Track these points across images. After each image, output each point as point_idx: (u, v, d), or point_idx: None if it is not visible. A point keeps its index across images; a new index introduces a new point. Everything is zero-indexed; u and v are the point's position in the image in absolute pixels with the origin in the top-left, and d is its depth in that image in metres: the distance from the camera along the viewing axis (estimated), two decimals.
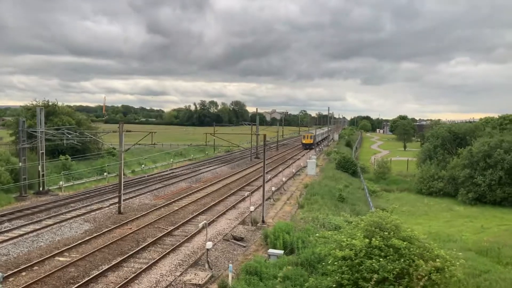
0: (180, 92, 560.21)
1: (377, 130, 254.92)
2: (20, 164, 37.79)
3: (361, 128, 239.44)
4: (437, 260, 14.77)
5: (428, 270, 14.23)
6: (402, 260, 14.65)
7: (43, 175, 39.03)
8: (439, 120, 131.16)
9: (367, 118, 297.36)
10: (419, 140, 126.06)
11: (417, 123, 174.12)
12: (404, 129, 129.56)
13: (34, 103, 55.90)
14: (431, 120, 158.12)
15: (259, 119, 78.98)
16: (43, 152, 39.14)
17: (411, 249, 15.04)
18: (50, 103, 57.20)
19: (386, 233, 15.52)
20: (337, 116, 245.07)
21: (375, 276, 14.04)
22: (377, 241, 15.08)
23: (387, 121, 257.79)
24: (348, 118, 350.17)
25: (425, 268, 14.25)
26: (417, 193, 51.92)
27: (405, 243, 15.10)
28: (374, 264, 14.45)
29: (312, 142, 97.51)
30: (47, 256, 21.67)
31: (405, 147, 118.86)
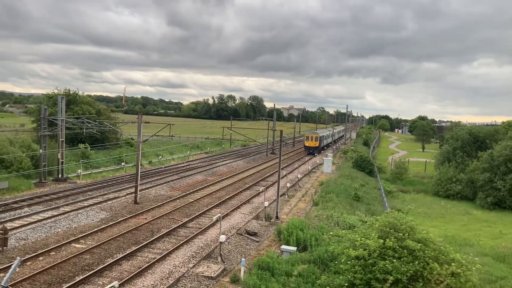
0: (198, 85, 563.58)
1: (396, 130, 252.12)
2: (41, 151, 38.50)
3: (379, 127, 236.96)
4: (453, 264, 14.59)
5: (445, 273, 14.06)
6: (417, 262, 14.51)
7: (62, 162, 39.70)
8: (459, 122, 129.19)
9: (386, 117, 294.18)
10: (438, 141, 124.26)
11: (437, 125, 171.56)
12: (423, 130, 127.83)
13: (56, 91, 56.80)
14: (451, 121, 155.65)
15: (276, 115, 78.88)
16: (63, 140, 39.78)
17: (426, 251, 14.88)
18: (71, 92, 58.03)
19: (401, 234, 15.38)
20: (355, 115, 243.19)
21: (390, 278, 13.94)
22: (391, 242, 14.96)
23: (406, 121, 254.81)
24: (367, 116, 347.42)
25: (440, 271, 14.09)
26: (433, 195, 51.28)
27: (419, 245, 14.94)
28: (387, 265, 14.35)
29: (317, 145, 75.23)
30: (63, 242, 22.09)
31: (423, 148, 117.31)
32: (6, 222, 24.92)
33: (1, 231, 20.60)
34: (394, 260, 14.50)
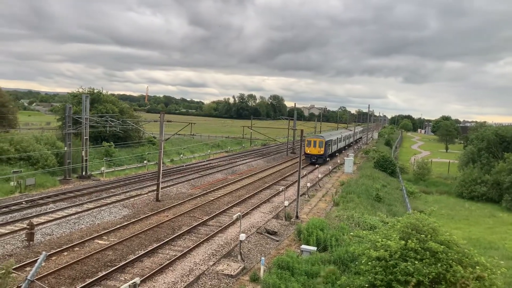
0: (219, 84, 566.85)
1: (419, 130, 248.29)
2: (66, 148, 39.35)
3: (401, 127, 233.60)
4: (477, 267, 14.31)
5: (469, 277, 13.81)
6: (439, 264, 14.28)
7: (86, 160, 40.49)
8: (484, 122, 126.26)
9: (409, 117, 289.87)
10: (462, 142, 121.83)
11: (461, 125, 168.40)
12: (446, 130, 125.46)
13: (80, 90, 57.91)
14: (476, 122, 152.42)
15: (297, 114, 78.56)
16: (87, 138, 40.55)
17: (449, 253, 14.63)
18: (95, 91, 59.09)
19: (423, 235, 15.16)
20: (377, 114, 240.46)
21: (412, 279, 13.77)
22: (413, 244, 14.77)
23: (429, 121, 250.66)
24: (389, 116, 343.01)
25: (464, 274, 13.84)
26: (457, 196, 50.34)
27: (442, 247, 14.70)
28: (409, 266, 14.17)
29: (321, 153, 58.78)
30: (87, 238, 22.54)
31: (447, 148, 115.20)
32: (32, 217, 25.59)
33: (28, 227, 21.18)
34: (416, 262, 14.30)
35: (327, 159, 61.80)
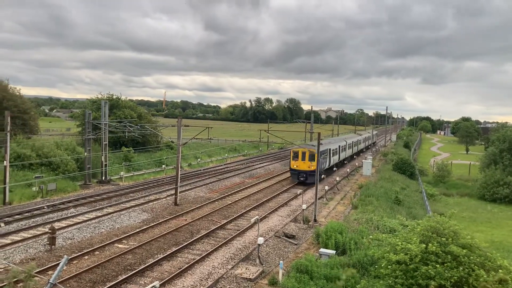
0: (235, 88, 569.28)
1: (438, 131, 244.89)
2: (85, 154, 39.96)
3: (420, 129, 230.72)
4: (500, 270, 14.03)
5: (491, 280, 13.54)
6: (461, 268, 14.06)
7: (105, 165, 41.03)
8: (506, 123, 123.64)
9: (427, 118, 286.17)
10: (483, 143, 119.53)
11: (481, 126, 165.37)
12: (467, 131, 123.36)
13: (99, 96, 58.85)
14: (497, 122, 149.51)
15: (313, 117, 78.29)
16: (106, 143, 41.10)
17: (471, 257, 14.38)
18: (113, 97, 59.93)
19: (444, 239, 14.95)
20: (395, 116, 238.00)
21: (433, 283, 13.57)
22: (434, 247, 14.57)
23: (448, 122, 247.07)
24: (407, 118, 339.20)
25: (486, 278, 13.59)
26: (479, 198, 49.40)
27: (464, 250, 14.47)
28: (430, 270, 13.98)
29: (311, 168, 42.55)
30: (107, 242, 22.82)
31: (467, 150, 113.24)
32: (54, 222, 26.03)
33: (50, 231, 21.55)
34: (437, 266, 14.10)
35: (323, 176, 44.42)
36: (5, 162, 31.27)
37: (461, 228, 16.26)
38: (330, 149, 49.67)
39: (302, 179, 43.08)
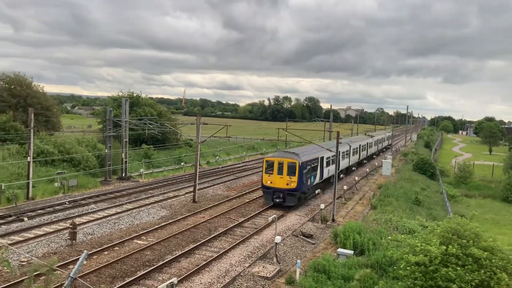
0: (254, 87, 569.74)
1: (460, 131, 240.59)
2: (106, 150, 40.55)
3: (441, 129, 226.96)
4: None
5: None
6: (482, 271, 13.78)
7: (125, 162, 41.57)
8: None
9: (449, 118, 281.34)
10: (507, 144, 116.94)
11: (506, 126, 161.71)
12: (490, 131, 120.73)
13: (120, 94, 59.60)
14: None
15: (333, 116, 77.79)
16: (126, 141, 41.63)
17: (493, 260, 14.09)
18: (134, 95, 60.61)
19: (465, 241, 14.68)
20: (416, 116, 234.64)
21: (454, 286, 13.34)
22: (454, 249, 14.31)
23: (471, 122, 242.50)
24: (428, 118, 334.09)
25: (509, 282, 13.30)
26: (502, 200, 48.32)
27: (486, 253, 14.18)
28: (450, 272, 13.74)
29: (294, 186, 31.28)
30: (126, 238, 23.13)
31: (490, 150, 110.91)
32: (75, 217, 26.52)
33: (71, 226, 21.95)
34: (458, 268, 13.85)
35: (308, 195, 34.63)
36: (28, 158, 31.96)
37: (483, 231, 15.93)
38: (323, 157, 36.66)
39: (278, 200, 31.20)
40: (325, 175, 38.09)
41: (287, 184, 31.09)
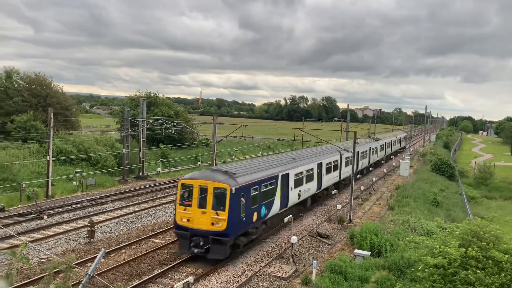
0: (270, 86, 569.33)
1: (480, 132, 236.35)
2: (124, 150, 40.98)
3: (461, 129, 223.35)
4: None
5: None
6: (503, 274, 13.50)
7: (143, 161, 41.94)
8: None
9: (469, 118, 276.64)
10: None
11: None
12: (511, 131, 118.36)
13: (138, 94, 60.19)
14: None
15: (350, 116, 77.25)
16: (144, 140, 42.00)
17: None
18: (151, 95, 61.15)
19: (485, 243, 14.40)
20: (434, 116, 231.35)
21: None
22: (474, 251, 14.05)
23: (491, 122, 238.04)
24: (447, 118, 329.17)
25: None
26: None
27: (506, 256, 13.89)
28: (470, 275, 13.50)
29: (219, 227, 18.94)
30: (143, 237, 23.33)
31: None
32: (93, 215, 26.85)
33: (89, 224, 22.24)
34: (478, 271, 13.60)
35: (261, 234, 23.23)
36: (48, 157, 32.48)
37: (504, 233, 15.62)
38: (288, 174, 25.39)
39: (197, 250, 19.22)
40: (298, 198, 27.26)
41: (213, 223, 19.22)
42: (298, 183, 27.07)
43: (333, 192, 33.71)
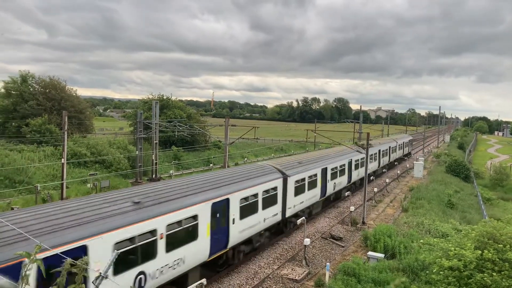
0: (282, 88, 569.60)
1: (495, 132, 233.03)
2: (137, 152, 41.30)
3: (476, 129, 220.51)
4: None
5: None
6: None
7: (156, 163, 42.18)
8: None
9: (484, 119, 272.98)
10: None
11: None
12: None
13: (150, 97, 60.67)
14: None
15: (363, 117, 76.80)
16: (157, 142, 42.26)
17: None
18: (164, 97, 61.58)
19: (501, 245, 14.18)
20: (449, 116, 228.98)
21: None
22: (490, 254, 13.84)
23: (507, 122, 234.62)
24: (462, 118, 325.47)
25: None
26: None
27: None
28: (486, 278, 13.29)
29: None
30: None
31: None
32: None
33: None
34: (494, 274, 13.39)
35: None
36: (62, 159, 32.87)
37: None
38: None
39: None
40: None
41: None
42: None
43: (346, 193, 33.49)
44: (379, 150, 47.35)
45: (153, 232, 13.45)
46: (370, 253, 21.13)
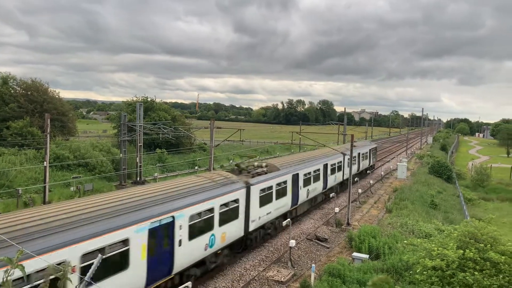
0: (267, 90, 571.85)
1: (476, 134, 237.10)
2: (121, 155, 40.92)
3: (458, 131, 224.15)
4: None
5: None
6: (501, 276, 13.52)
7: (140, 166, 41.86)
8: None
9: (465, 120, 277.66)
10: None
11: None
12: (508, 133, 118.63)
13: (135, 99, 60.17)
14: None
15: (347, 119, 77.34)
16: (141, 145, 41.94)
17: None
18: (148, 99, 61.14)
19: (482, 245, 14.43)
20: (431, 118, 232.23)
21: None
22: (471, 253, 14.08)
23: (487, 124, 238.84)
24: (444, 120, 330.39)
25: None
26: None
27: (504, 257, 13.91)
28: (468, 277, 13.51)
29: None
30: None
31: (508, 153, 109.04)
32: None
33: None
34: (476, 273, 13.61)
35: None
36: (45, 162, 32.38)
37: (501, 234, 15.67)
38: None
39: None
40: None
41: None
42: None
43: (331, 195, 33.69)
44: (313, 171, 30.67)
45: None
46: (355, 254, 21.28)
